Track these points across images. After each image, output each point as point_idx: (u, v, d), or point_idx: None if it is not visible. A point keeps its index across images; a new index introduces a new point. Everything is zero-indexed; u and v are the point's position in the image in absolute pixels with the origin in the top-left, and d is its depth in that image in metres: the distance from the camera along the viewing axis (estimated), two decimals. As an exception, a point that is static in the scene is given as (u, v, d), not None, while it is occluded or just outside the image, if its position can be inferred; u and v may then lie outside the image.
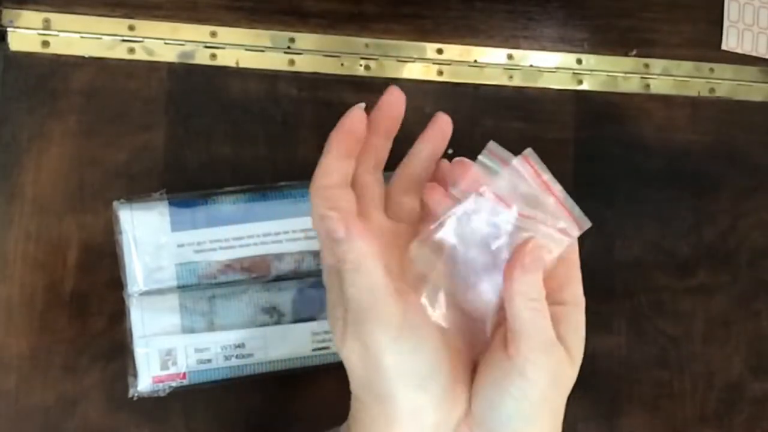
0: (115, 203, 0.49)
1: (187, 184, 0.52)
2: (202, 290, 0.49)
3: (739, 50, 0.62)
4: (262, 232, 0.50)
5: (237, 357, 0.49)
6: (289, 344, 0.50)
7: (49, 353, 0.50)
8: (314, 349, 0.51)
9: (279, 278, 0.50)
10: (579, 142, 0.59)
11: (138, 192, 0.50)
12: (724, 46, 0.62)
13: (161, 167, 0.52)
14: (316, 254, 0.50)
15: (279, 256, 0.50)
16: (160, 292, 0.48)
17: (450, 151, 0.57)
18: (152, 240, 0.48)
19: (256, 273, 0.50)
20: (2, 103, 0.51)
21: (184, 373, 0.49)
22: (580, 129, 0.59)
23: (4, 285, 0.50)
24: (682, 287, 0.59)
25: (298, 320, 0.50)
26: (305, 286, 0.51)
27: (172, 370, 0.48)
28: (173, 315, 0.49)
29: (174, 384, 0.49)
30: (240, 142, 0.54)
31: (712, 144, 0.61)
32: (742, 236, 0.61)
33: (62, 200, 0.51)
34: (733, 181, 0.61)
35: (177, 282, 0.49)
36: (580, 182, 0.58)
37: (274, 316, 0.50)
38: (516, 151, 0.55)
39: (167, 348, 0.48)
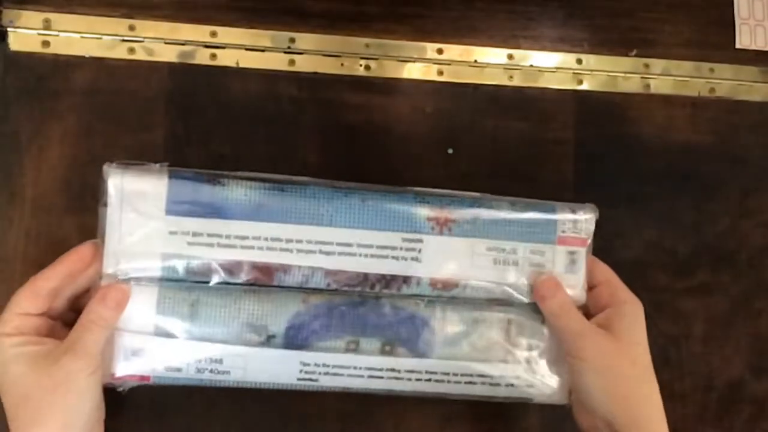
0: (106, 167, 0.43)
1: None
2: (186, 291, 0.44)
3: (753, 47, 0.61)
4: (271, 235, 0.43)
5: (211, 371, 0.44)
6: (273, 370, 0.45)
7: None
8: (300, 379, 0.45)
9: (279, 286, 0.45)
10: (579, 142, 0.59)
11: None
12: (738, 45, 0.62)
13: (161, 167, 0.52)
14: (328, 273, 0.44)
15: (286, 267, 0.44)
16: (138, 281, 0.43)
17: (450, 151, 0.57)
18: (141, 219, 0.42)
19: (254, 280, 0.44)
20: (2, 103, 0.51)
21: (149, 376, 0.44)
22: (580, 129, 0.59)
23: (4, 285, 0.50)
24: (682, 287, 0.59)
25: (289, 346, 0.44)
26: (305, 310, 0.44)
27: (136, 371, 0.44)
28: (148, 312, 0.43)
29: (134, 384, 0.45)
30: (240, 142, 0.54)
31: (712, 144, 0.61)
32: (742, 236, 0.61)
33: (62, 200, 0.51)
34: (733, 181, 0.61)
35: (160, 273, 0.43)
36: (580, 182, 0.58)
37: (262, 335, 0.44)
38: (515, 151, 0.55)
39: (134, 348, 0.43)
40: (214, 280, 0.44)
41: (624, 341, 0.46)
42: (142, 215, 0.42)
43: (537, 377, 0.47)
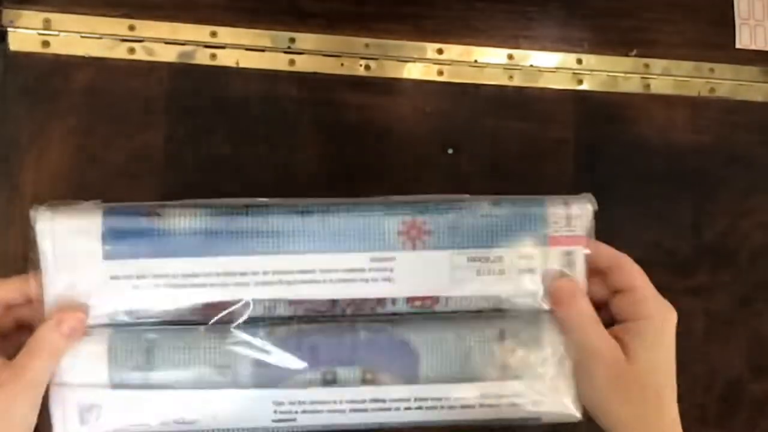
0: (32, 211, 0.40)
1: (187, 184, 0.52)
2: (139, 336, 0.39)
3: (753, 47, 0.61)
4: (222, 270, 0.39)
5: (176, 422, 0.40)
6: (245, 414, 0.40)
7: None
8: (276, 420, 0.40)
9: (244, 322, 0.40)
10: (579, 142, 0.59)
11: (138, 191, 0.50)
12: (738, 45, 0.62)
13: (161, 167, 0.52)
14: (292, 302, 0.40)
15: (244, 303, 0.39)
16: (85, 331, 0.39)
17: (450, 151, 0.57)
18: (77, 266, 0.38)
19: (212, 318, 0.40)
20: (2, 103, 0.51)
21: None
22: (580, 129, 0.59)
23: (4, 285, 0.50)
24: (682, 287, 0.59)
25: (258, 385, 0.40)
26: (271, 342, 0.40)
27: (95, 428, 0.39)
28: (99, 363, 0.39)
29: None
30: (240, 142, 0.54)
31: (712, 144, 0.61)
32: (742, 236, 0.61)
33: (62, 200, 0.51)
34: (733, 181, 0.61)
35: (107, 321, 0.39)
36: (580, 182, 0.58)
37: (227, 376, 0.39)
38: (515, 151, 0.55)
39: (89, 404, 0.39)
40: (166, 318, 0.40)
41: (638, 364, 0.42)
42: (79, 265, 0.39)
43: (542, 393, 0.41)
